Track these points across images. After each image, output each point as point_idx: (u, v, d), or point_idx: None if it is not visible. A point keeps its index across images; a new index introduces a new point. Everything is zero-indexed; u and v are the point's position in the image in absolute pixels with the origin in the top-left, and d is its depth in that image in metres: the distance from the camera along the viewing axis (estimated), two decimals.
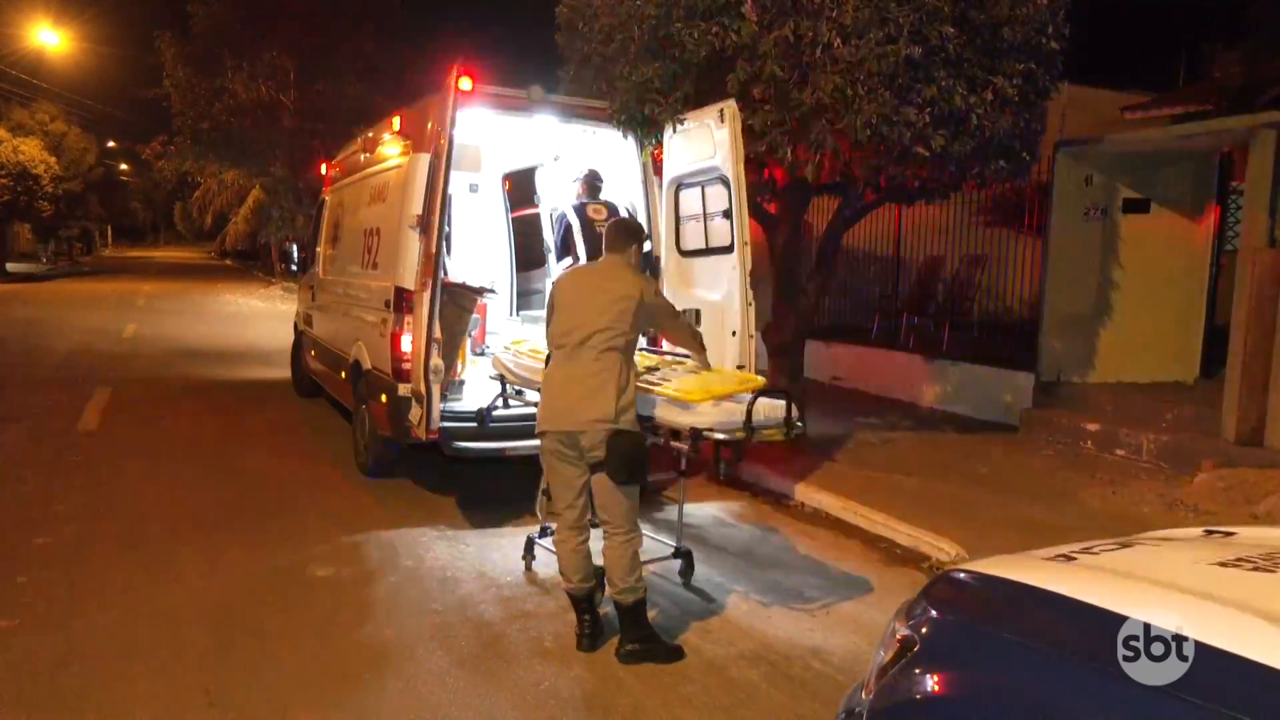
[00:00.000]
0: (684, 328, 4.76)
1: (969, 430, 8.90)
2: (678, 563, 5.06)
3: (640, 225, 4.79)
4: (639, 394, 4.26)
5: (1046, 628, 1.89)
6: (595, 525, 4.27)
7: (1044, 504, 6.41)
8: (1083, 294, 8.93)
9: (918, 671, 2.03)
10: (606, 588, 4.25)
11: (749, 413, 4.25)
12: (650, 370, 4.85)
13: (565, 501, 4.20)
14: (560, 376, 4.13)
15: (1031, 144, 7.15)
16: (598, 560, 4.25)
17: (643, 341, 5.20)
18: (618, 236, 4.44)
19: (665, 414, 4.38)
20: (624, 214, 7.13)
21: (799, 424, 4.47)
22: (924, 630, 2.08)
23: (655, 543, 5.18)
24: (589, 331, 4.04)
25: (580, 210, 7.22)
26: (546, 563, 5.09)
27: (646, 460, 4.05)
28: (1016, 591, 2.04)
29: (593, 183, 7.37)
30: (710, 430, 4.26)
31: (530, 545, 5.16)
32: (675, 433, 4.41)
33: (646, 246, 7.06)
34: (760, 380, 4.84)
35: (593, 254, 7.55)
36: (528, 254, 8.85)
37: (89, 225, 52.31)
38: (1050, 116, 7.56)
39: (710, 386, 4.50)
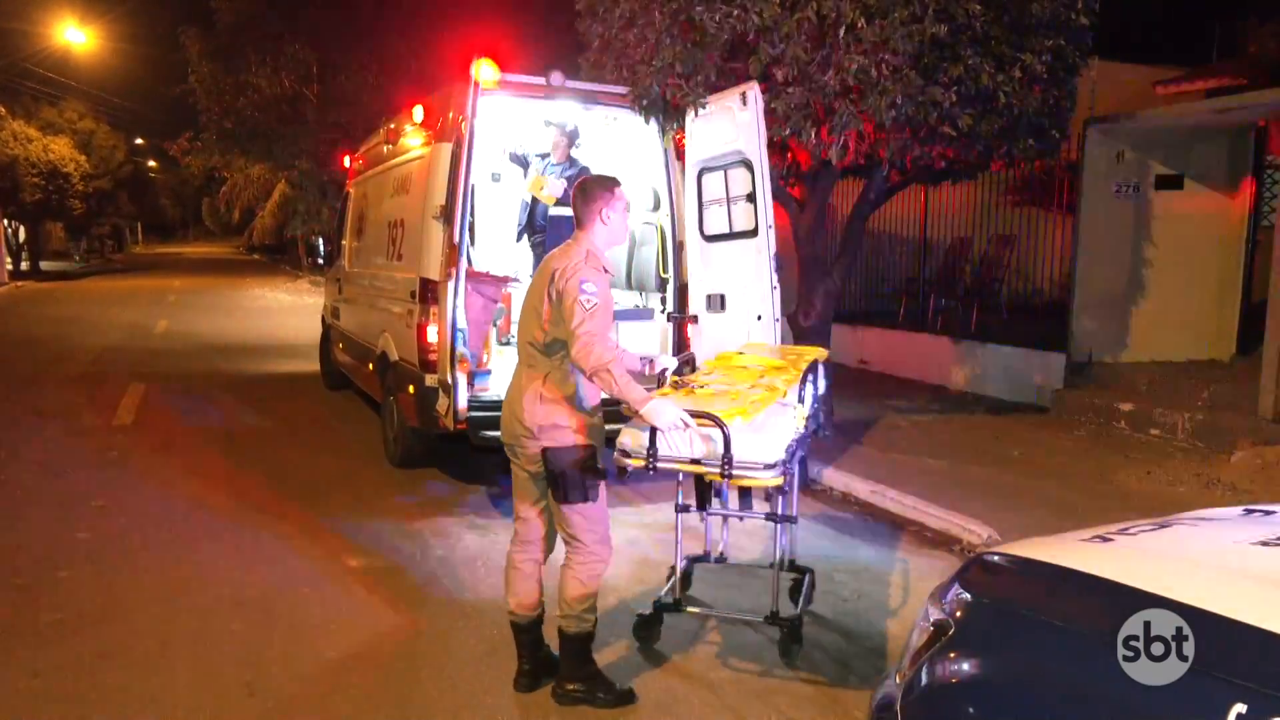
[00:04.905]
0: (579, 356, 3.34)
1: (999, 412, 8.82)
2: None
3: (603, 178, 3.76)
4: None
5: (1084, 610, 1.87)
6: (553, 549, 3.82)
7: (1077, 485, 6.34)
8: (1115, 272, 8.80)
9: (953, 656, 2.01)
10: (558, 610, 3.65)
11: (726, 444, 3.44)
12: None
13: (517, 511, 3.76)
14: (511, 380, 3.71)
15: (1061, 121, 7.04)
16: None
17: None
18: (576, 203, 3.65)
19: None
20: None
21: (825, 433, 4.34)
22: (959, 614, 2.06)
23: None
24: (522, 331, 3.61)
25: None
26: None
27: (585, 479, 3.47)
28: (1053, 573, 2.02)
29: (572, 140, 7.43)
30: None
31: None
32: None
33: (659, 218, 7.03)
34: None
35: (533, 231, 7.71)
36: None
37: (119, 222, 52.96)
38: (1080, 93, 7.44)
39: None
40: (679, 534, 4.10)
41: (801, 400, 3.88)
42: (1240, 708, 1.49)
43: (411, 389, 6.39)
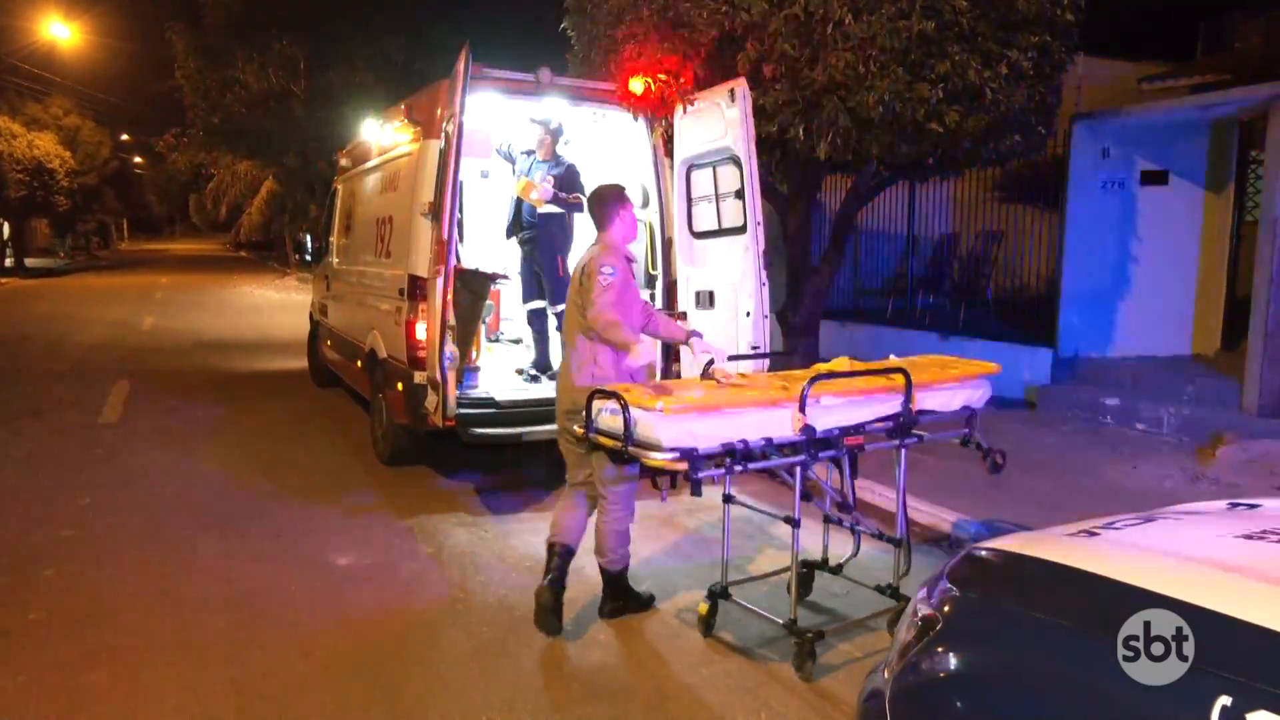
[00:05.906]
0: (594, 320, 4.02)
1: (986, 407, 8.83)
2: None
3: (612, 187, 4.41)
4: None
5: (1071, 604, 1.88)
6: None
7: (1064, 480, 6.37)
8: (1100, 268, 8.85)
9: (940, 650, 2.02)
10: (596, 556, 4.37)
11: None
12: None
13: (574, 480, 4.36)
14: (563, 367, 4.34)
15: (1047, 117, 7.08)
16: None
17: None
18: (593, 209, 4.38)
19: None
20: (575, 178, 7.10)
21: (994, 457, 4.58)
22: (946, 609, 2.07)
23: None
24: (569, 325, 4.24)
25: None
26: None
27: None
28: (1040, 568, 2.03)
29: (557, 137, 7.37)
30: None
31: None
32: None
33: (648, 215, 7.03)
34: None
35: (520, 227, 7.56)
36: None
37: (105, 219, 52.55)
38: (1065, 89, 7.48)
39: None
40: (727, 525, 4.23)
41: (802, 406, 3.82)
42: (1225, 700, 1.50)
43: (400, 386, 6.37)
